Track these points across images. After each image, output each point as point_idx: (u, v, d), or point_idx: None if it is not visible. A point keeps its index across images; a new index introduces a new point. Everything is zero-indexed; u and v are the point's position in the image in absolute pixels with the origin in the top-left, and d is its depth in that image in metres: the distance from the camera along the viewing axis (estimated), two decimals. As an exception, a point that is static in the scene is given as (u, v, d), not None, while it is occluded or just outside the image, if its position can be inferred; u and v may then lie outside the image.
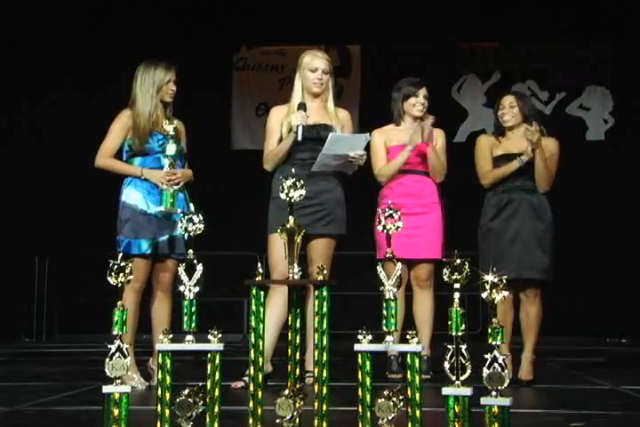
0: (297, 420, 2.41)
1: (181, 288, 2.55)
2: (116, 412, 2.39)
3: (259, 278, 2.55)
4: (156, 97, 4.23)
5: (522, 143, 4.44)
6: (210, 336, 2.47)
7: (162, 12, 8.45)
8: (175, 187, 4.12)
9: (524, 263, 4.31)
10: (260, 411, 2.48)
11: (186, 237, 2.68)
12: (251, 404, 2.48)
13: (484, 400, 2.29)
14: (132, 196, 4.18)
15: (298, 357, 2.59)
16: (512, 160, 4.43)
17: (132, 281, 2.58)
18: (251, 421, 2.48)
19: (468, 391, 2.30)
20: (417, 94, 4.68)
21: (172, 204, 4.10)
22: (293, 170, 3.73)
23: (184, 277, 2.54)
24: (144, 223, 4.13)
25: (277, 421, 2.40)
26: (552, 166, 4.47)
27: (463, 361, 2.31)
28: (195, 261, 2.56)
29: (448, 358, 2.32)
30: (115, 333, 2.43)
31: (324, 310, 2.49)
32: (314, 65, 4.37)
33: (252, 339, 2.52)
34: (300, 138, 4.21)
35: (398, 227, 2.51)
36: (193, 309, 2.53)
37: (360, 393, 2.39)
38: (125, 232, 4.14)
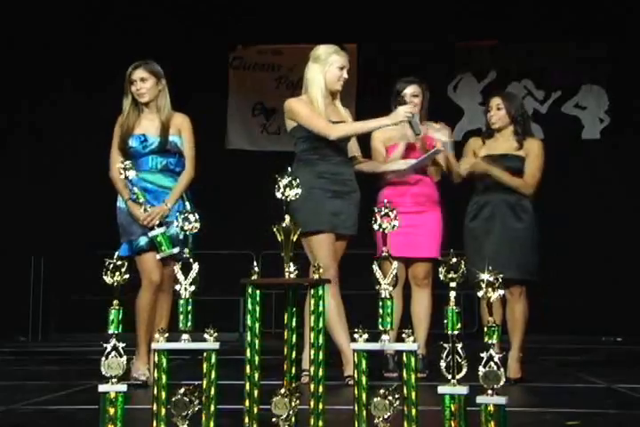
0: (293, 419, 2.41)
1: (177, 287, 2.55)
2: (111, 411, 2.39)
3: (254, 277, 2.55)
4: (129, 95, 4.22)
5: (507, 145, 4.48)
6: (206, 335, 2.47)
7: (161, 12, 8.44)
8: (157, 230, 4.03)
9: (502, 263, 4.25)
10: (255, 410, 2.49)
11: (181, 236, 2.67)
12: (247, 403, 2.48)
13: (479, 399, 2.30)
14: (119, 198, 4.20)
15: (294, 355, 2.59)
16: (495, 161, 4.43)
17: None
18: (247, 420, 2.48)
19: (463, 390, 2.30)
20: (403, 93, 4.67)
21: (162, 246, 4.03)
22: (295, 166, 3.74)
23: (180, 277, 2.54)
24: (127, 225, 4.14)
25: (273, 420, 2.40)
26: (535, 168, 4.46)
27: (459, 360, 2.31)
28: (191, 260, 2.56)
29: (444, 356, 2.32)
30: (110, 331, 2.42)
31: (321, 308, 2.49)
32: (342, 63, 4.25)
33: (248, 338, 2.52)
34: (418, 132, 4.30)
35: (394, 226, 2.52)
36: (189, 308, 2.53)
37: (356, 392, 2.40)
38: (121, 236, 4.18)
